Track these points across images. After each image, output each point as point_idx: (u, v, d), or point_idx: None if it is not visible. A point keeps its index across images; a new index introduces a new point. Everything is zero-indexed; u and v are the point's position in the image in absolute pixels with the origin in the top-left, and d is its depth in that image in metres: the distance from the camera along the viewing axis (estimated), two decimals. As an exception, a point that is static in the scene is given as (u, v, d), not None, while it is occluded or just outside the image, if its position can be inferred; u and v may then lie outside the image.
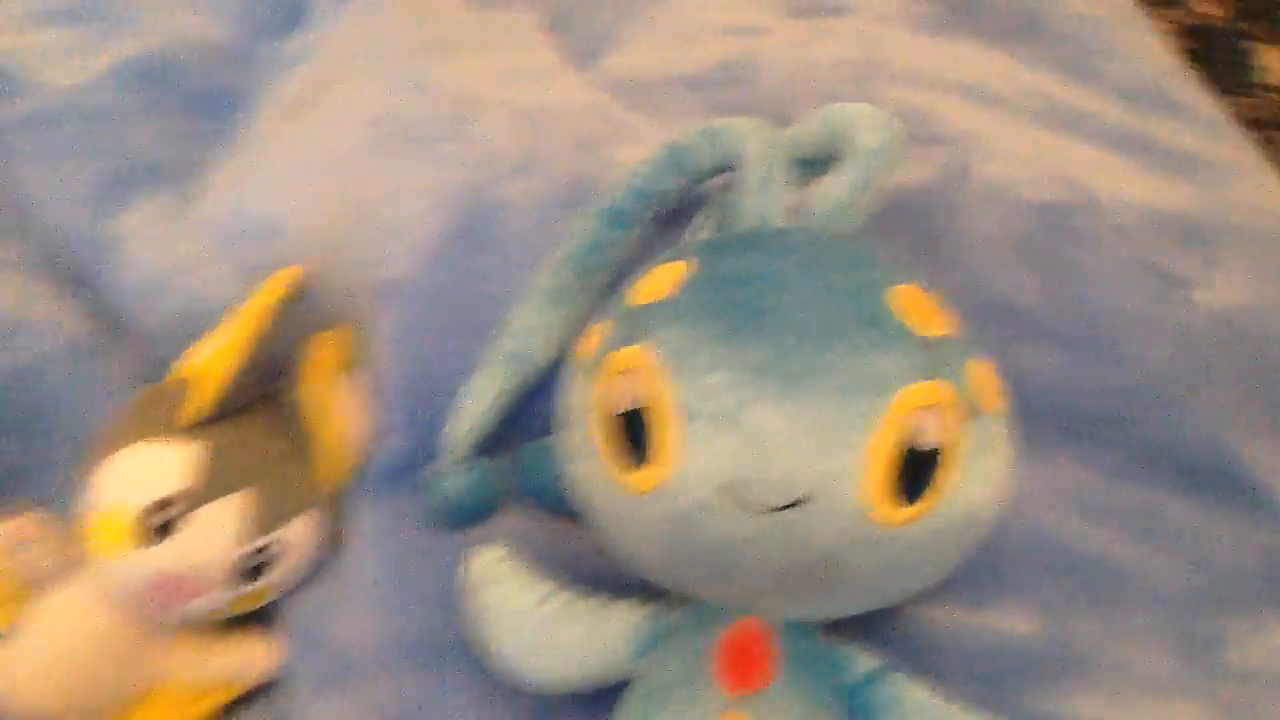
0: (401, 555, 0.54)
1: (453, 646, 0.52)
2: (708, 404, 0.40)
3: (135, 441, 0.53)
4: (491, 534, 0.54)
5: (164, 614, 0.55)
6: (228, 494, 0.52)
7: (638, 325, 0.43)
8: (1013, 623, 0.50)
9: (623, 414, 0.42)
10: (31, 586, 0.55)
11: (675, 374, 0.41)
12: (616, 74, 0.71)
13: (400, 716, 0.52)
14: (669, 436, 0.40)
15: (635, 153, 0.57)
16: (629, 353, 0.42)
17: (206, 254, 0.64)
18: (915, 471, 0.40)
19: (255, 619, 0.59)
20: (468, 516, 0.54)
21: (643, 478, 0.41)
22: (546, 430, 0.54)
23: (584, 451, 0.44)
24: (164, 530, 0.52)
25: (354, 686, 0.54)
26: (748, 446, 0.39)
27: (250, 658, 0.58)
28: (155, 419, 0.54)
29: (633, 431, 0.42)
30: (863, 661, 0.45)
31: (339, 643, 0.55)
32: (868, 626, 0.47)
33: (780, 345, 0.40)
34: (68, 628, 0.56)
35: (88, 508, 0.53)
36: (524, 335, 0.53)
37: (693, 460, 0.40)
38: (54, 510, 0.56)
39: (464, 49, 0.66)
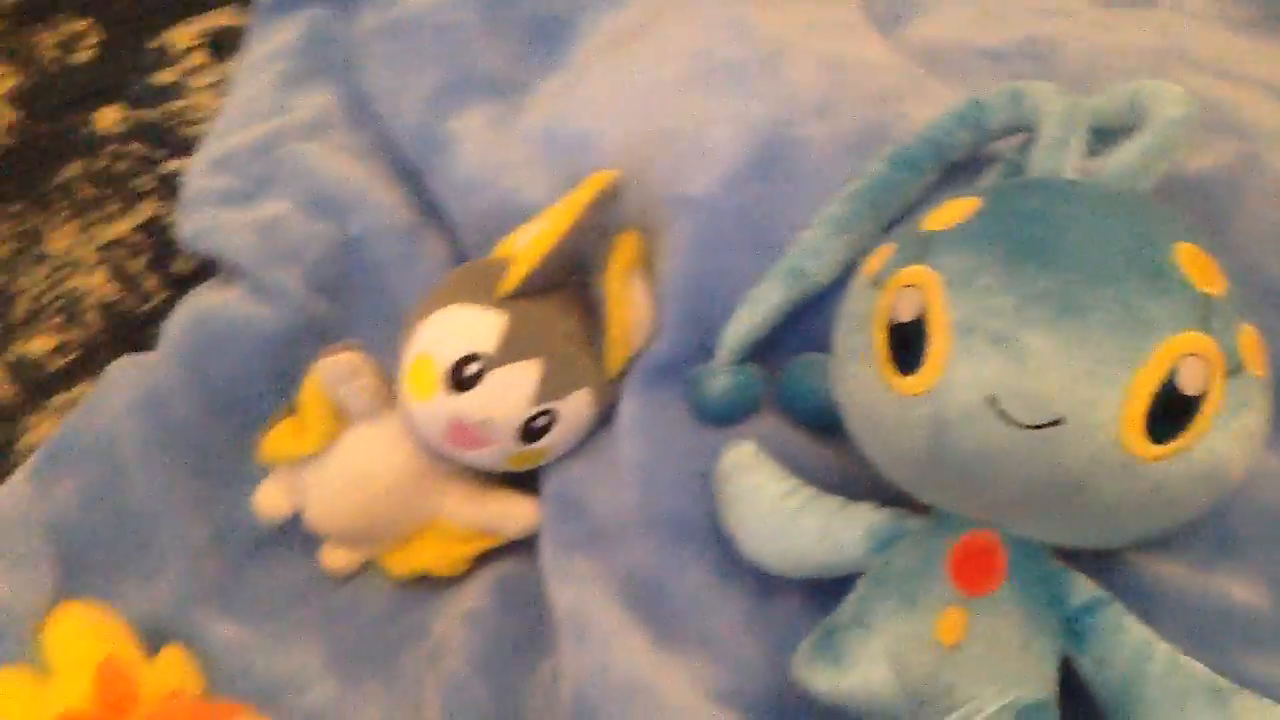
0: (663, 441, 0.60)
1: (699, 525, 0.58)
2: (985, 322, 0.44)
3: (455, 304, 0.61)
4: (747, 433, 0.59)
5: (454, 458, 0.63)
6: (524, 360, 0.59)
7: (926, 247, 0.47)
8: (1239, 590, 0.51)
9: (901, 324, 0.46)
10: (347, 417, 0.64)
11: (957, 293, 0.45)
12: (918, 41, 0.75)
13: (643, 579, 0.58)
14: (943, 348, 0.44)
15: (930, 111, 0.61)
16: (916, 269, 0.47)
17: (525, 159, 0.72)
18: (1170, 416, 0.42)
19: (521, 482, 0.66)
20: (728, 415, 0.59)
21: (912, 382, 0.45)
22: (813, 347, 0.59)
23: (860, 356, 0.48)
24: (467, 383, 0.59)
25: (603, 550, 0.61)
26: (1016, 363, 0.43)
27: (514, 512, 0.65)
28: (475, 287, 0.61)
29: (906, 342, 0.46)
30: (1087, 588, 0.47)
31: (595, 511, 0.62)
32: (1095, 568, 0.49)
33: (1061, 277, 0.43)
34: (373, 457, 0.64)
35: (406, 355, 0.61)
36: (808, 255, 0.58)
37: (962, 370, 0.44)
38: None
39: (780, 1, 0.71)
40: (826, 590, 0.53)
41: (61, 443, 0.71)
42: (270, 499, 0.66)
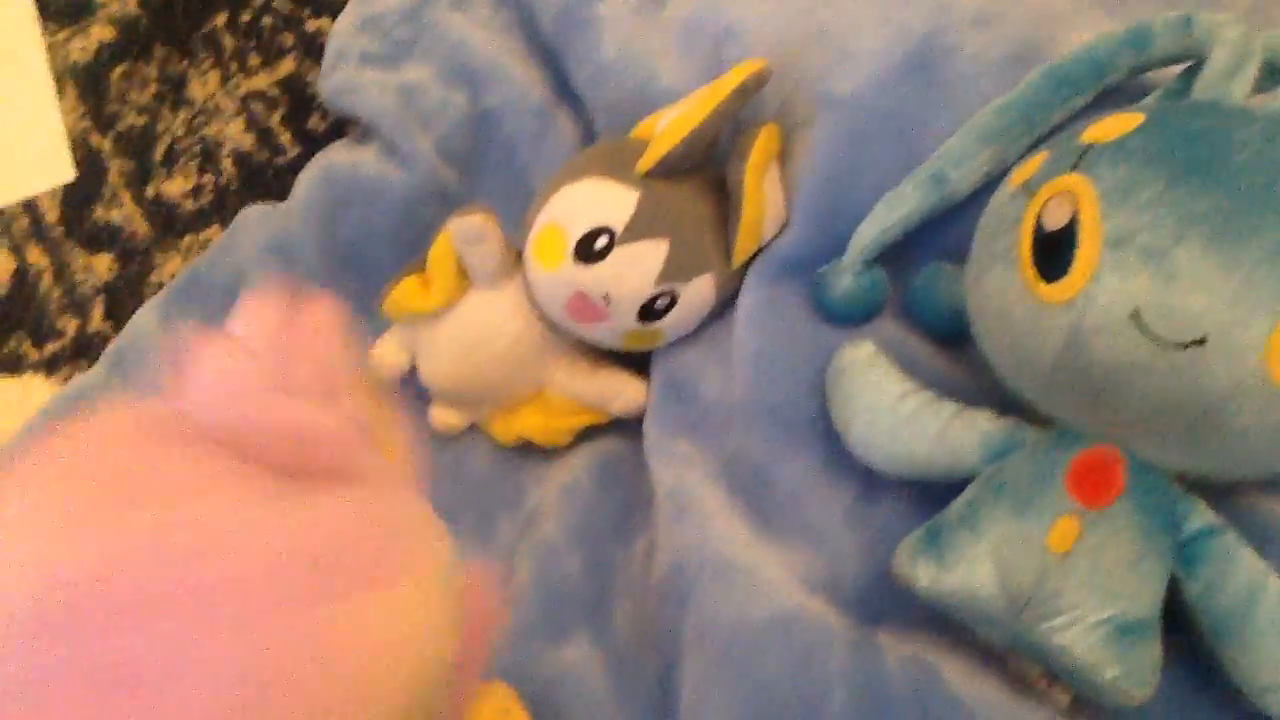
0: (781, 333, 0.60)
1: (808, 418, 0.58)
2: (1139, 236, 0.43)
3: (590, 177, 0.61)
4: (868, 335, 0.59)
5: (570, 330, 0.64)
6: (653, 238, 0.59)
7: (1083, 157, 0.46)
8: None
9: (1049, 231, 0.46)
10: (470, 280, 0.65)
11: (1112, 204, 0.44)
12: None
13: (747, 466, 0.59)
14: (1091, 258, 0.44)
15: (1090, 34, 0.60)
16: (1071, 178, 0.46)
17: (667, 47, 0.71)
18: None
19: (631, 364, 0.67)
20: (851, 315, 0.59)
21: (1054, 290, 0.45)
22: (945, 256, 0.59)
23: (1001, 260, 0.48)
24: (594, 255, 0.60)
25: (710, 434, 0.61)
26: (1166, 279, 0.42)
27: (622, 390, 0.66)
28: (611, 164, 0.61)
29: (1052, 250, 0.46)
30: (1204, 514, 0.47)
31: (704, 397, 0.62)
32: (1214, 501, 0.49)
33: (1222, 200, 0.42)
34: (490, 321, 0.65)
35: (538, 221, 0.62)
36: (952, 162, 0.57)
37: (1109, 281, 0.44)
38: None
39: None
40: (930, 493, 0.54)
41: (191, 278, 0.73)
42: (387, 352, 0.68)
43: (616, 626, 0.60)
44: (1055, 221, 0.46)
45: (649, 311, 0.61)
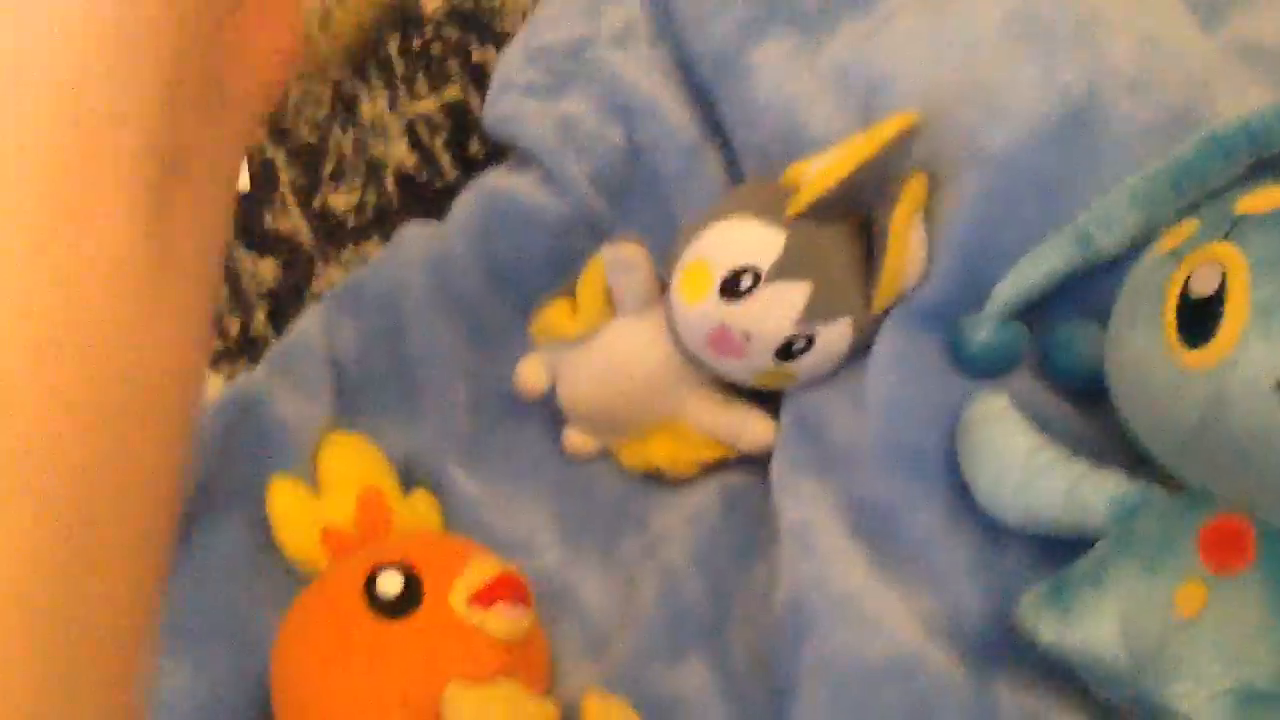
0: (914, 380, 0.61)
1: (937, 466, 0.59)
2: (1289, 307, 0.44)
3: (740, 216, 0.64)
4: (1002, 388, 0.60)
5: (708, 364, 0.66)
6: (797, 280, 0.61)
7: (1235, 227, 0.47)
8: None
9: (1196, 298, 0.47)
10: (616, 307, 0.68)
11: (1262, 273, 0.45)
12: (1237, 36, 0.72)
13: (872, 509, 0.60)
14: (1237, 325, 0.45)
15: (1243, 106, 0.60)
16: (1222, 246, 0.47)
17: (820, 94, 0.73)
18: None
19: (762, 402, 0.69)
20: (987, 368, 0.60)
21: (1197, 356, 0.46)
22: (1085, 315, 0.60)
23: (1148, 323, 0.49)
24: (739, 292, 0.62)
25: (836, 476, 0.63)
26: (1314, 352, 0.43)
27: (753, 427, 0.68)
28: (761, 204, 0.64)
29: (1197, 317, 0.47)
30: (1338, 590, 0.47)
31: (833, 439, 0.64)
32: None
33: (1376, 276, 0.43)
34: (632, 349, 0.68)
35: (686, 256, 0.65)
36: (1099, 223, 0.58)
37: (1254, 350, 0.44)
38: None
39: (1103, -24, 0.71)
40: (1055, 549, 0.54)
41: (352, 287, 0.78)
42: (531, 372, 0.71)
43: (734, 654, 0.62)
44: (1203, 288, 0.46)
45: (786, 351, 0.63)
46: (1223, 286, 0.46)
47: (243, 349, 0.81)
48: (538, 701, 0.54)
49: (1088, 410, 0.60)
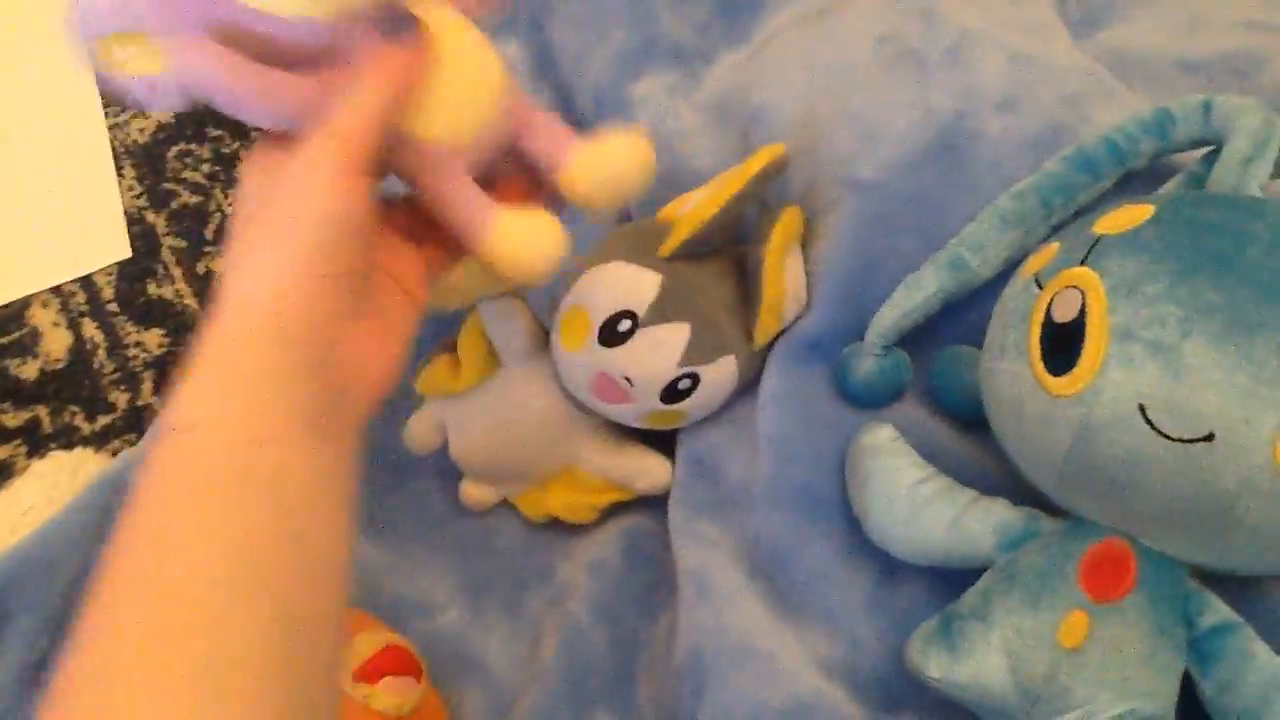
0: (802, 415, 0.61)
1: (829, 502, 0.59)
2: (1147, 330, 0.43)
3: (615, 261, 0.62)
4: (888, 418, 0.59)
5: (595, 410, 0.64)
6: (675, 321, 0.60)
7: (1094, 250, 0.47)
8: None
9: (1058, 324, 0.46)
10: (500, 359, 0.67)
11: (1120, 298, 0.44)
12: (1111, 46, 0.73)
13: (768, 548, 0.59)
14: (1098, 351, 0.44)
15: (1116, 116, 0.60)
16: (1080, 271, 0.46)
17: (699, 128, 0.73)
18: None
19: (656, 442, 0.68)
20: (872, 398, 0.60)
21: (1063, 383, 0.45)
22: (963, 340, 0.59)
23: (1012, 351, 0.48)
24: (618, 338, 0.61)
25: (732, 516, 0.62)
26: (1174, 374, 0.42)
27: (648, 469, 0.67)
28: (635, 247, 0.63)
29: (1061, 343, 0.46)
30: (1218, 610, 0.46)
31: (727, 478, 0.63)
32: (1231, 593, 0.48)
33: (1233, 294, 0.42)
34: (519, 400, 0.66)
35: (564, 304, 0.63)
36: (971, 247, 0.57)
37: (1115, 376, 0.43)
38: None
39: (972, -6, 0.71)
40: (949, 580, 0.54)
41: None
42: (420, 431, 0.70)
43: (639, 706, 0.61)
44: (1064, 314, 0.46)
45: (672, 393, 0.62)
46: (1083, 312, 0.45)
47: (130, 423, 0.78)
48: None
49: (974, 436, 0.59)
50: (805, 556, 0.58)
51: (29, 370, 0.81)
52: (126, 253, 0.84)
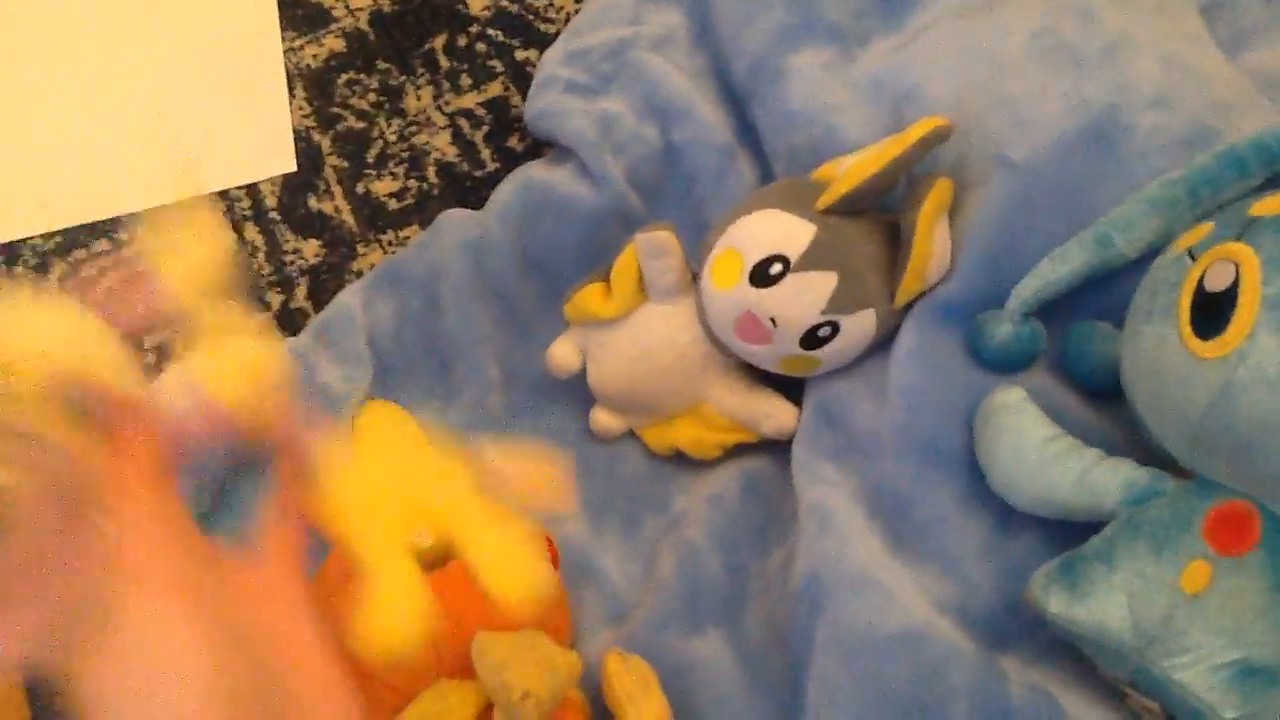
0: (935, 372, 0.64)
1: (954, 453, 0.62)
2: (1296, 301, 0.46)
3: (772, 208, 0.66)
4: (1019, 382, 0.62)
5: (735, 349, 0.68)
6: (824, 270, 0.64)
7: (1249, 228, 0.50)
8: None
9: (1210, 292, 0.49)
10: (649, 292, 0.71)
11: (1274, 270, 0.47)
12: (1256, 66, 0.75)
13: (890, 493, 0.63)
14: (1249, 318, 0.47)
15: (1261, 125, 0.63)
16: (1236, 246, 0.49)
17: (852, 102, 0.76)
18: None
19: (785, 390, 0.71)
20: (1006, 362, 0.63)
21: (1213, 346, 0.48)
22: (1101, 316, 0.62)
23: (1163, 315, 0.51)
24: (768, 280, 0.64)
25: (855, 462, 0.65)
26: (1320, 344, 0.45)
27: (775, 413, 0.70)
28: (793, 198, 0.66)
29: (1210, 311, 0.49)
30: (1338, 576, 0.49)
31: (854, 426, 0.66)
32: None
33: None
34: (661, 333, 0.70)
35: (718, 245, 0.67)
36: (1119, 227, 0.60)
37: (1264, 341, 0.46)
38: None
39: (1130, 1, 0.73)
40: (1063, 532, 0.57)
41: (391, 268, 0.81)
42: (563, 352, 0.74)
43: (749, 627, 0.64)
44: (1217, 283, 0.49)
45: (812, 339, 0.65)
46: (1236, 282, 0.48)
47: (282, 323, 0.84)
48: (561, 651, 0.56)
49: (1101, 407, 0.62)
50: (926, 502, 0.62)
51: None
52: (291, 166, 0.90)
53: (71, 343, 0.32)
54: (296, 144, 0.92)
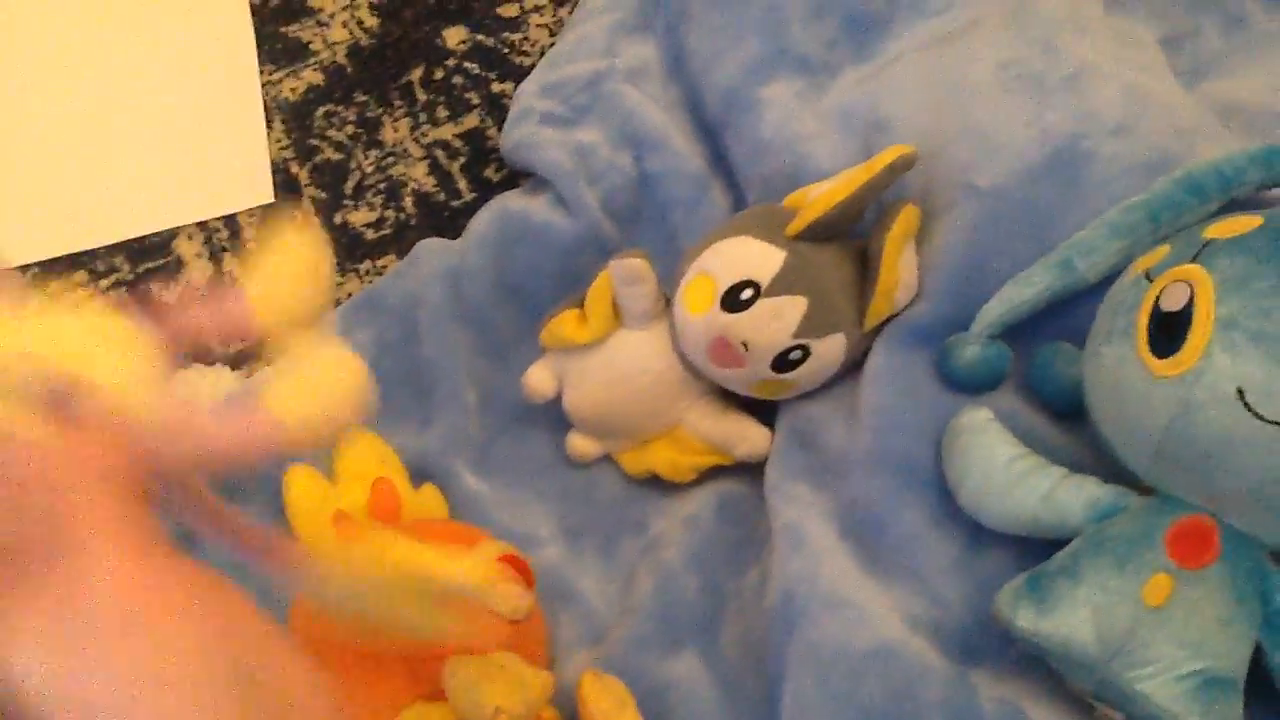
0: (904, 393, 0.65)
1: (924, 472, 0.63)
2: (1251, 321, 0.48)
3: (742, 235, 0.68)
4: (986, 403, 0.63)
5: (708, 373, 0.69)
6: (794, 295, 0.65)
7: (1204, 250, 0.51)
8: None
9: (1166, 312, 0.51)
10: (623, 318, 0.72)
11: (1227, 292, 0.49)
12: (1216, 95, 0.78)
13: (862, 512, 0.64)
14: (1203, 338, 0.49)
15: (1222, 152, 0.65)
16: (1191, 267, 0.51)
17: (822, 132, 0.78)
18: None
19: (758, 413, 0.72)
20: (973, 383, 0.64)
21: (1169, 365, 0.50)
22: (1064, 337, 0.64)
23: (1122, 335, 0.53)
24: (739, 305, 0.65)
25: (828, 481, 0.66)
26: (1271, 362, 0.47)
27: (749, 436, 0.71)
28: (763, 225, 0.68)
29: (1167, 330, 0.51)
30: (1296, 590, 0.51)
31: (826, 447, 0.67)
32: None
33: (1331, 294, 0.47)
34: (636, 358, 0.71)
35: (691, 270, 0.68)
36: (1081, 252, 0.62)
37: (1218, 360, 0.48)
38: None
39: (1092, 32, 0.76)
40: (1033, 550, 0.58)
41: (369, 297, 0.82)
42: (538, 379, 0.75)
43: (725, 646, 0.65)
44: (1173, 303, 0.50)
45: (783, 362, 0.66)
46: (1190, 302, 0.50)
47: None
48: (534, 670, 0.57)
49: (1067, 427, 0.63)
50: (898, 520, 0.63)
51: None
52: (270, 198, 0.91)
53: (69, 345, 0.32)
54: (274, 175, 0.93)
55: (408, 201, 0.90)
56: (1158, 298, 0.52)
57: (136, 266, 0.89)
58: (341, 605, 0.47)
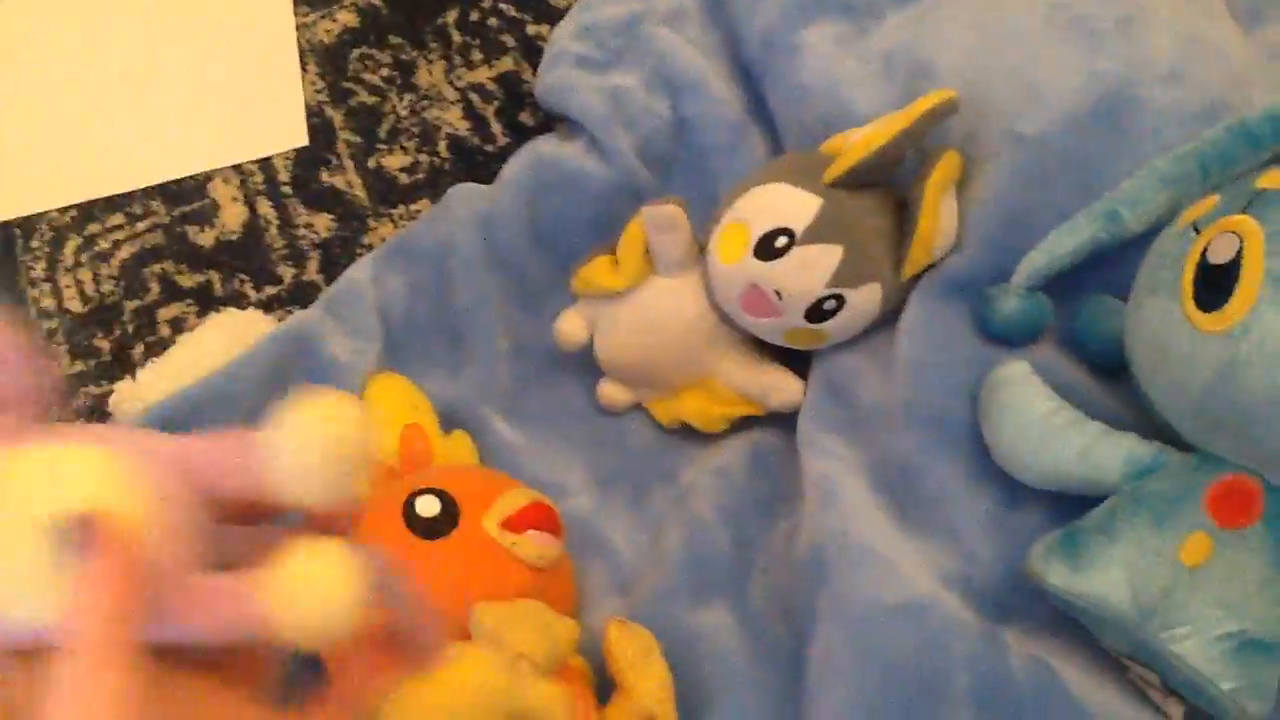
0: (941, 345, 0.64)
1: (959, 427, 0.62)
2: (1300, 275, 0.46)
3: (778, 182, 0.66)
4: (1025, 356, 0.62)
5: (741, 322, 0.68)
6: (829, 243, 0.64)
7: (1255, 201, 0.49)
8: None
9: (1214, 265, 0.49)
10: (656, 265, 0.71)
11: (1278, 244, 0.47)
12: (1275, 40, 0.75)
13: (895, 466, 0.63)
14: (1251, 292, 0.47)
15: (1277, 100, 0.62)
16: (1240, 219, 0.49)
17: (864, 76, 0.76)
18: None
19: (791, 362, 0.71)
20: (1012, 335, 0.63)
21: (1215, 319, 0.48)
22: (1108, 291, 0.62)
23: (1167, 289, 0.51)
24: (773, 253, 0.64)
25: (861, 436, 0.65)
26: (1324, 317, 0.45)
27: (782, 386, 0.70)
28: (799, 171, 0.66)
29: (1213, 284, 0.49)
30: (1341, 550, 0.49)
31: (859, 400, 0.66)
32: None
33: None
34: (668, 306, 0.71)
35: (725, 218, 0.67)
36: (1127, 201, 0.60)
37: (1267, 316, 0.46)
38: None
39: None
40: (1067, 506, 0.57)
41: (402, 242, 0.81)
42: (571, 324, 0.74)
43: (754, 598, 0.65)
44: (1221, 256, 0.49)
45: (817, 312, 0.65)
46: (1239, 255, 0.48)
47: (294, 296, 0.84)
48: (559, 617, 0.57)
49: (1106, 382, 0.62)
50: (932, 475, 0.62)
51: (205, 238, 0.87)
52: (304, 141, 0.90)
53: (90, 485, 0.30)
54: (309, 119, 0.92)
55: (442, 146, 0.90)
56: (1205, 249, 0.50)
57: (172, 209, 0.89)
58: None
